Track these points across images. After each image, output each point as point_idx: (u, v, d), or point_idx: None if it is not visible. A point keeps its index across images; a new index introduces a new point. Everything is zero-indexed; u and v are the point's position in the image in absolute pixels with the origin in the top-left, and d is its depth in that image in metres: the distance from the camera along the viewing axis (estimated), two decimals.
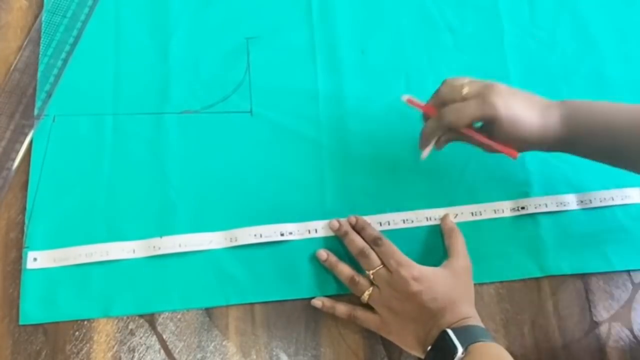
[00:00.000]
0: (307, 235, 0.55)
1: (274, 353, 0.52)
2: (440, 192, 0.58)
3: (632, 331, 0.56)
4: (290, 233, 0.55)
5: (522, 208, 0.57)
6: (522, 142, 0.48)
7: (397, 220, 0.56)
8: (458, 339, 0.45)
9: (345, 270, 0.52)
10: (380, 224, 0.56)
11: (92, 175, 0.55)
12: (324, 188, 0.57)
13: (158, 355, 0.51)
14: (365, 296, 0.50)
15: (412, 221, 0.56)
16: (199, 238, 0.54)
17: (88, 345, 0.51)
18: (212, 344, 0.52)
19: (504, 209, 0.57)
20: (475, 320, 0.48)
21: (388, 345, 0.53)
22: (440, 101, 0.50)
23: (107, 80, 0.58)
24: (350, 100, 0.60)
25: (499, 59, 0.63)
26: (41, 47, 0.58)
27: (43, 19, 0.59)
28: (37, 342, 0.50)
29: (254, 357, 0.52)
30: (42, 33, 0.59)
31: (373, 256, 0.51)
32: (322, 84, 0.60)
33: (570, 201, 0.58)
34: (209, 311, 0.53)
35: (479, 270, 0.54)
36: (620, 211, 0.59)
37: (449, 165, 0.59)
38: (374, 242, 0.51)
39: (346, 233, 0.53)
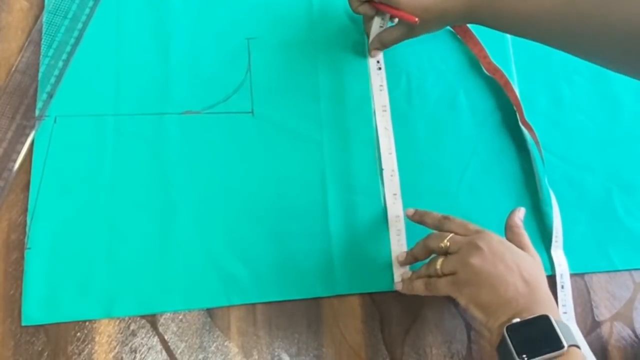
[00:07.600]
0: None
1: (276, 353, 0.52)
2: (441, 192, 0.58)
3: (633, 330, 0.56)
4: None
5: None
6: (424, 12, 0.53)
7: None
8: (563, 334, 0.42)
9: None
10: None
11: (93, 175, 0.55)
12: (325, 188, 0.57)
13: (160, 355, 0.51)
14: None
15: None
16: None
17: (90, 346, 0.51)
18: (214, 345, 0.52)
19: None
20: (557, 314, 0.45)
21: (390, 344, 0.53)
22: None
23: (108, 80, 0.58)
24: (351, 100, 0.60)
25: (501, 57, 0.63)
26: (42, 48, 0.58)
27: (44, 19, 0.59)
28: (38, 343, 0.50)
29: (256, 357, 0.52)
30: (43, 34, 0.58)
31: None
32: (323, 84, 0.60)
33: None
34: (210, 311, 0.53)
35: None
36: (621, 211, 0.59)
37: (450, 164, 0.59)
38: (445, 218, 0.51)
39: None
